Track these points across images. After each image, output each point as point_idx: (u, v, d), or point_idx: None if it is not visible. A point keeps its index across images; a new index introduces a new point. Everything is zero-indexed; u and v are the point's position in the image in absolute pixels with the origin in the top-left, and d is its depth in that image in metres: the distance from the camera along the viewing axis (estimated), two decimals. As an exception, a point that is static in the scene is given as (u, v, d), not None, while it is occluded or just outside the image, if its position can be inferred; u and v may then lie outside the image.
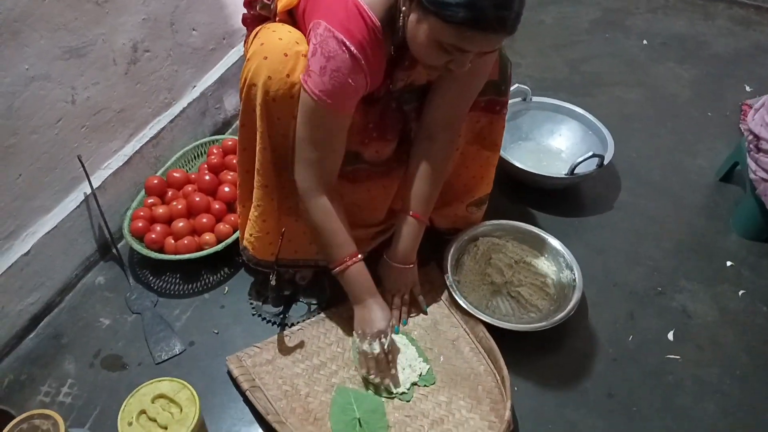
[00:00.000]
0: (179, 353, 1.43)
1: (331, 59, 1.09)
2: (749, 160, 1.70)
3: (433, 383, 1.36)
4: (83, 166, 1.48)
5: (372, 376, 1.34)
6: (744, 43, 2.65)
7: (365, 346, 1.33)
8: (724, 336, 1.53)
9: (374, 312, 1.34)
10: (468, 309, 1.43)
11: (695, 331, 1.53)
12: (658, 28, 2.72)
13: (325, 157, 1.23)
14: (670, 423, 1.35)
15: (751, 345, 1.51)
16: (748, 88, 2.36)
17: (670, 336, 1.52)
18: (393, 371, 1.36)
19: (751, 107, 2.22)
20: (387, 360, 1.35)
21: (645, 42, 2.62)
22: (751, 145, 1.69)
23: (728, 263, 1.71)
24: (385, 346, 1.33)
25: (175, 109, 1.80)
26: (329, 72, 1.10)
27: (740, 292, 1.63)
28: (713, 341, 1.51)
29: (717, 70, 2.48)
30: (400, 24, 1.10)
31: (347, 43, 1.08)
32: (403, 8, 1.08)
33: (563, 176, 1.75)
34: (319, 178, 1.25)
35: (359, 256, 1.34)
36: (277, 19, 1.26)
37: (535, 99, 1.98)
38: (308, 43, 1.15)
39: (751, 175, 1.68)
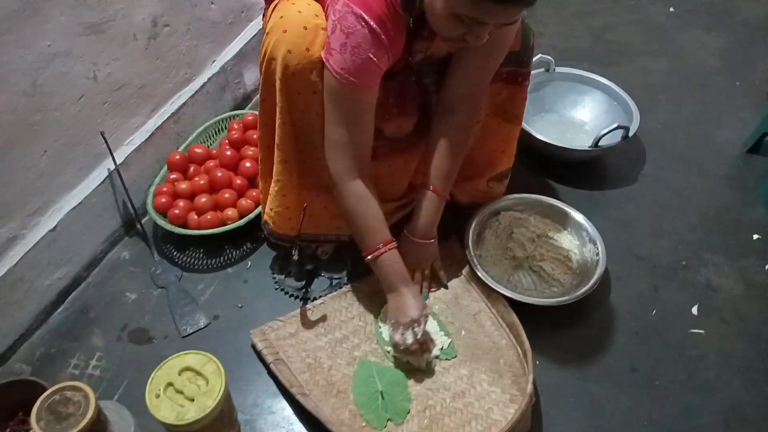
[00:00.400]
0: (204, 327, 1.45)
1: (351, 35, 1.08)
2: None
3: (455, 357, 1.37)
4: (106, 142, 1.49)
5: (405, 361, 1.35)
6: (775, 9, 2.56)
7: (398, 337, 1.31)
8: (750, 310, 1.51)
9: (408, 300, 1.31)
10: (489, 283, 1.43)
11: (720, 305, 1.52)
12: (686, -6, 2.65)
13: (355, 138, 1.22)
14: (694, 397, 1.34)
15: (777, 319, 1.49)
16: (778, 56, 2.29)
17: (694, 310, 1.50)
18: (428, 356, 1.35)
19: (782, 76, 2.16)
20: (421, 349, 1.34)
21: (671, 9, 2.55)
22: None
23: (755, 236, 1.68)
24: (418, 335, 1.31)
25: (196, 85, 1.80)
26: (350, 49, 1.09)
27: (767, 266, 1.60)
28: (738, 315, 1.50)
29: (746, 38, 2.40)
30: None
31: (366, 17, 1.07)
32: None
33: (587, 149, 1.72)
34: (350, 161, 1.23)
35: (393, 243, 1.32)
36: (296, -9, 1.24)
37: (558, 69, 1.94)
38: (327, 20, 1.13)
39: None
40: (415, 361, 1.35)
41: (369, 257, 1.32)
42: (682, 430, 1.30)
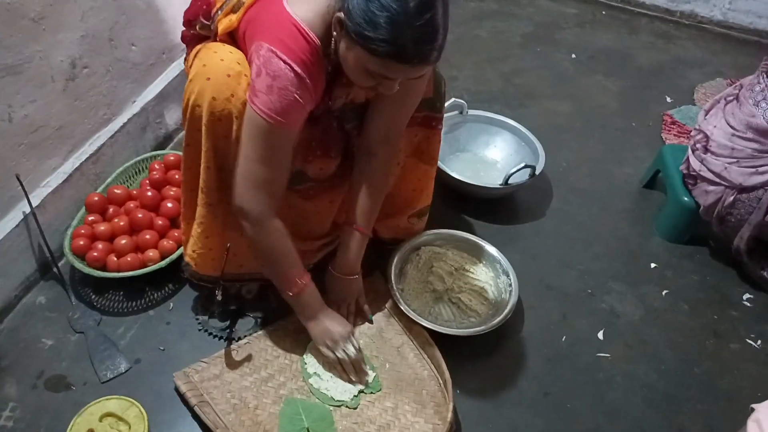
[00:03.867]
0: (125, 371, 1.42)
1: (277, 78, 1.12)
2: (692, 160, 1.76)
3: (380, 390, 1.41)
4: (21, 184, 1.46)
5: (354, 380, 1.40)
6: (665, 56, 2.82)
7: (340, 354, 1.38)
8: (650, 334, 1.63)
9: (332, 320, 1.39)
10: (411, 316, 1.48)
11: (623, 330, 1.63)
12: (586, 42, 2.87)
13: (275, 176, 1.24)
14: (602, 418, 1.44)
15: (674, 341, 1.62)
16: (669, 99, 2.52)
17: (600, 335, 1.61)
18: (367, 373, 1.42)
19: (672, 117, 2.38)
20: (361, 357, 1.41)
21: (574, 56, 2.76)
22: (698, 145, 1.75)
23: (652, 265, 1.82)
24: (357, 344, 1.39)
25: (115, 125, 1.79)
26: (276, 90, 1.13)
27: (664, 292, 1.74)
28: (640, 339, 1.62)
29: (641, 82, 2.63)
30: (332, 47, 1.15)
31: (290, 62, 1.12)
32: (334, 33, 1.12)
33: (498, 186, 1.83)
34: (271, 199, 1.25)
35: (309, 275, 1.37)
36: (218, 39, 1.28)
37: (471, 112, 2.06)
38: (250, 64, 1.18)
39: (690, 172, 1.77)
40: (356, 377, 1.40)
41: (294, 292, 1.35)
42: (592, 449, 1.39)
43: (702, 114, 1.82)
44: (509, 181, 1.81)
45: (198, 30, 1.33)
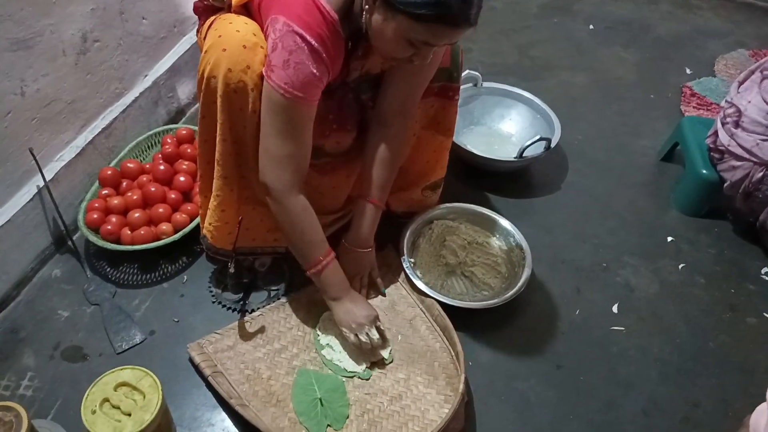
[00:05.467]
0: (140, 342, 1.44)
1: (294, 52, 1.11)
2: (721, 134, 1.70)
3: (392, 362, 1.41)
4: (35, 158, 1.47)
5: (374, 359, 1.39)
6: (685, 27, 2.75)
7: (363, 338, 1.35)
8: (665, 307, 1.62)
9: (356, 304, 1.37)
10: (424, 289, 1.48)
11: (638, 304, 1.62)
12: (604, 12, 2.81)
13: (296, 152, 1.22)
14: (615, 391, 1.43)
15: (689, 315, 1.60)
16: (688, 71, 2.46)
17: (615, 309, 1.60)
18: (387, 347, 1.42)
19: (692, 89, 2.33)
20: (384, 337, 1.39)
21: (591, 27, 2.70)
22: (728, 119, 1.69)
23: (669, 238, 1.80)
24: (382, 330, 1.38)
25: (127, 99, 1.79)
26: (293, 64, 1.12)
27: (680, 266, 1.72)
28: (655, 313, 1.60)
29: (660, 54, 2.57)
30: (363, 21, 1.14)
31: (307, 36, 1.11)
32: (366, 6, 1.11)
33: (513, 160, 1.81)
34: (293, 175, 1.24)
35: (333, 253, 1.36)
36: (232, 11, 1.26)
37: (485, 84, 2.03)
38: (266, 39, 1.16)
39: (717, 146, 1.72)
40: (375, 356, 1.39)
41: (313, 271, 1.34)
42: (606, 422, 1.38)
43: (735, 86, 1.76)
44: (524, 155, 1.79)
45: (211, 1, 1.32)
